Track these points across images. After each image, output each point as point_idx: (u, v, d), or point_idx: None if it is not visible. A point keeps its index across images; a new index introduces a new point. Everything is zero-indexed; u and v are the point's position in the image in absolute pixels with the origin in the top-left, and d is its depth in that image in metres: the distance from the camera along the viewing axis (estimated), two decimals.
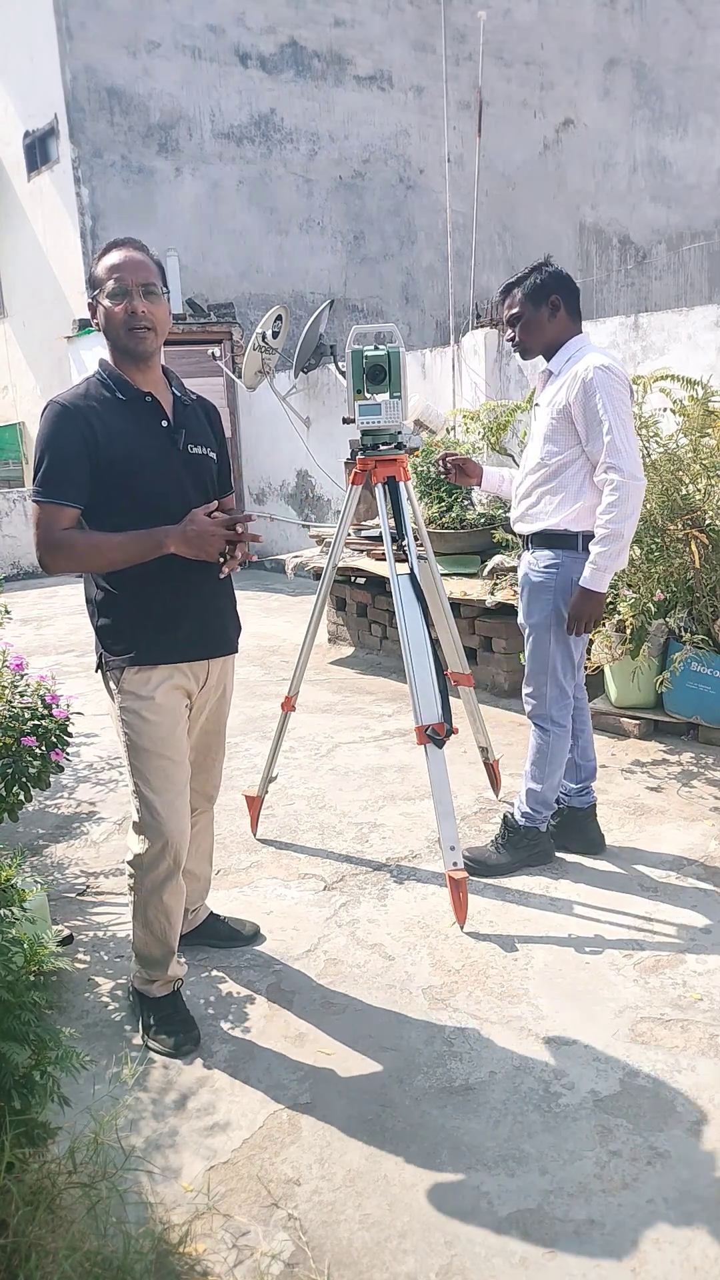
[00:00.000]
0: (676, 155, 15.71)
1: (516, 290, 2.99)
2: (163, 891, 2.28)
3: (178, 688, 2.26)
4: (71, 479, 2.10)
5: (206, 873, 2.71)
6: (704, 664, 3.91)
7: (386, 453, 3.02)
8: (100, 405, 2.15)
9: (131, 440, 2.15)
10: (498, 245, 13.78)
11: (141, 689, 2.22)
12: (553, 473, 2.87)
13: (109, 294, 2.13)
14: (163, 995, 2.37)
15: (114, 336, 2.16)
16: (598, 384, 2.73)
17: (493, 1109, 2.05)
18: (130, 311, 2.12)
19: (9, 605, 4.00)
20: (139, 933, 2.35)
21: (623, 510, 2.71)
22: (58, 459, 2.10)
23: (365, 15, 12.67)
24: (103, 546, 2.11)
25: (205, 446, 2.29)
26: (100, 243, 11.46)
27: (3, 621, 3.65)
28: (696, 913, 2.78)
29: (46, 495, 2.11)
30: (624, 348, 5.96)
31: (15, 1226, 1.47)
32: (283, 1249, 1.72)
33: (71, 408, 2.13)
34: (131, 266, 2.14)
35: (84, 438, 2.10)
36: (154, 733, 2.22)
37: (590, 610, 2.82)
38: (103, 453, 2.11)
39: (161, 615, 2.21)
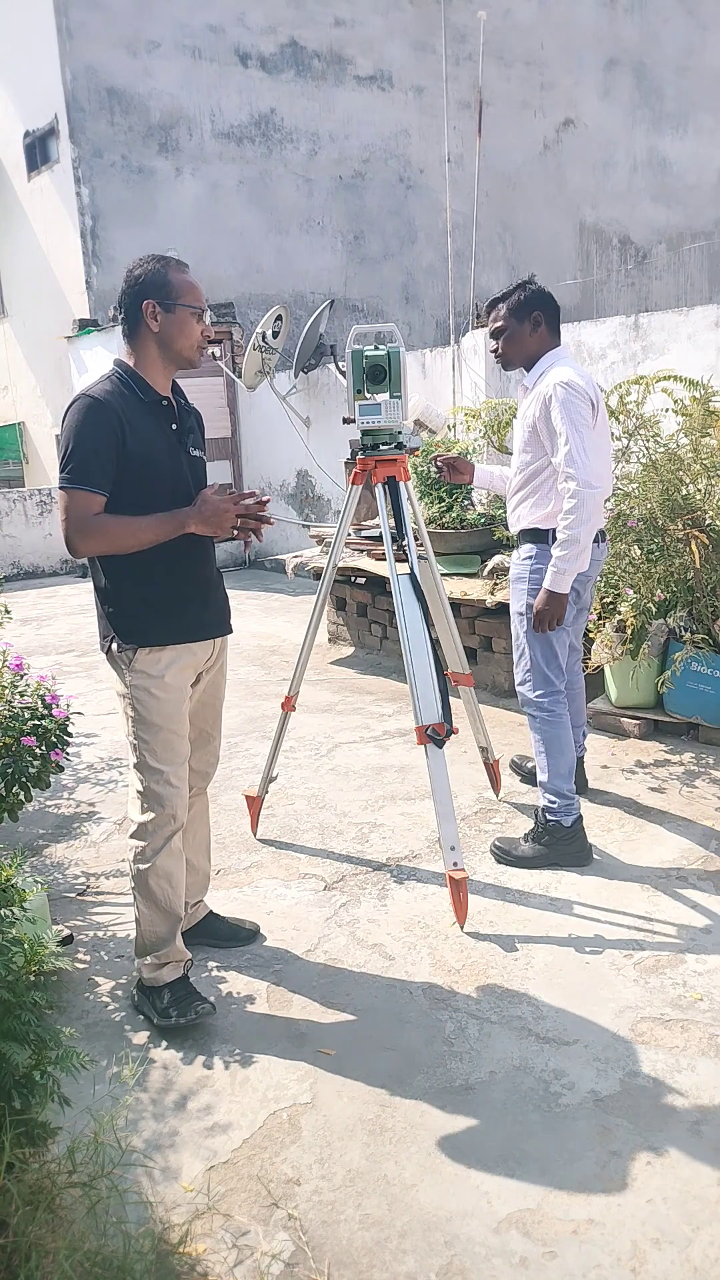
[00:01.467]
0: (676, 155, 15.71)
1: (501, 305, 3.13)
2: (162, 854, 2.38)
3: (187, 666, 2.40)
4: (102, 468, 2.23)
5: (205, 867, 2.74)
6: (704, 664, 3.91)
7: (386, 453, 3.02)
8: (125, 403, 2.29)
9: (151, 439, 2.31)
10: (498, 245, 13.78)
11: (153, 668, 2.35)
12: (528, 479, 3.11)
13: (194, 311, 2.31)
14: (174, 979, 2.41)
15: (184, 347, 2.33)
16: (557, 399, 2.91)
17: (493, 1109, 2.05)
18: (205, 334, 2.36)
19: (9, 605, 4.00)
20: (143, 911, 2.40)
21: (579, 516, 2.88)
22: (90, 448, 2.22)
23: (365, 15, 12.67)
24: (135, 527, 2.24)
25: (199, 449, 2.48)
26: (101, 243, 11.48)
27: (3, 621, 3.64)
28: (696, 913, 2.78)
29: (78, 482, 2.22)
30: (624, 348, 5.96)
31: (15, 1226, 1.47)
32: (283, 1249, 1.72)
33: (105, 401, 2.25)
34: (201, 293, 2.36)
35: (114, 431, 2.23)
36: (162, 709, 2.35)
37: (553, 610, 2.99)
38: (128, 447, 2.25)
39: (170, 599, 2.36)
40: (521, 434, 3.09)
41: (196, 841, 2.67)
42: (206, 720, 2.61)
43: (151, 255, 2.38)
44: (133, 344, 2.35)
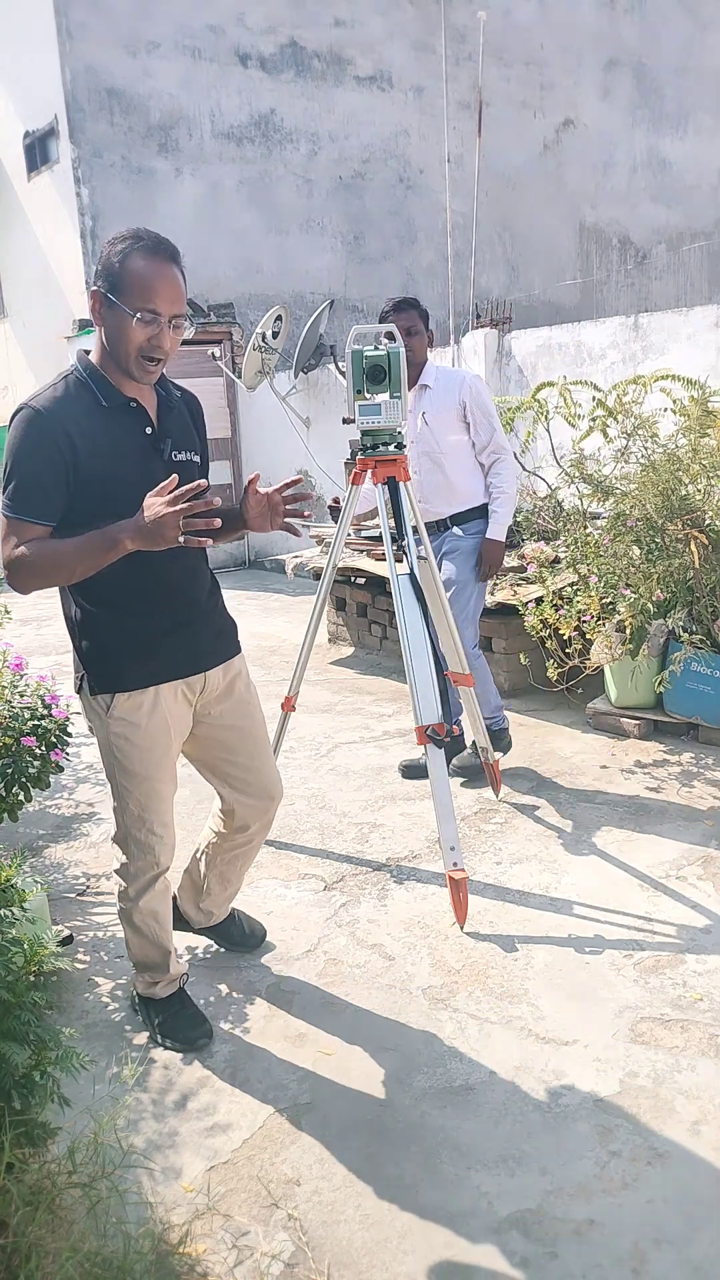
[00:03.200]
0: (676, 155, 15.71)
1: (414, 311, 3.50)
2: (145, 896, 2.25)
3: (177, 707, 2.15)
4: (43, 493, 1.92)
5: (238, 885, 2.60)
6: (704, 664, 3.91)
7: (386, 453, 3.02)
8: (78, 411, 1.95)
9: (112, 453, 1.97)
10: (498, 245, 13.78)
11: (132, 715, 2.09)
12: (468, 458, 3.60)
13: (137, 315, 1.89)
14: (168, 994, 2.36)
15: (121, 356, 1.95)
16: (479, 389, 3.58)
17: (493, 1109, 2.05)
18: (155, 344, 1.93)
19: (9, 605, 4.00)
20: (131, 939, 2.33)
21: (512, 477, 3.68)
22: (28, 470, 1.91)
23: (365, 15, 12.67)
24: (58, 555, 1.90)
25: (189, 450, 2.13)
26: (100, 243, 11.45)
27: (3, 621, 3.64)
28: (696, 913, 2.78)
29: (10, 510, 1.92)
30: (624, 348, 5.96)
31: (15, 1227, 1.47)
32: (283, 1249, 1.72)
33: (47, 414, 1.92)
34: (169, 293, 1.91)
35: (59, 449, 1.91)
36: (143, 758, 2.12)
37: (500, 555, 3.65)
38: (81, 465, 1.93)
39: (143, 635, 2.07)
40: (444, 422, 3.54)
41: (240, 865, 2.51)
42: (242, 744, 2.30)
43: (131, 231, 1.93)
44: (97, 336, 2.01)
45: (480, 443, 3.61)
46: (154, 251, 1.91)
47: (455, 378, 3.59)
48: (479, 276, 7.79)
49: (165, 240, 1.95)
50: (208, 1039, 2.30)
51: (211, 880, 2.52)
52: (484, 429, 3.58)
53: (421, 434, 3.56)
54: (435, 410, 3.55)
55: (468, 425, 3.57)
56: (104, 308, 1.94)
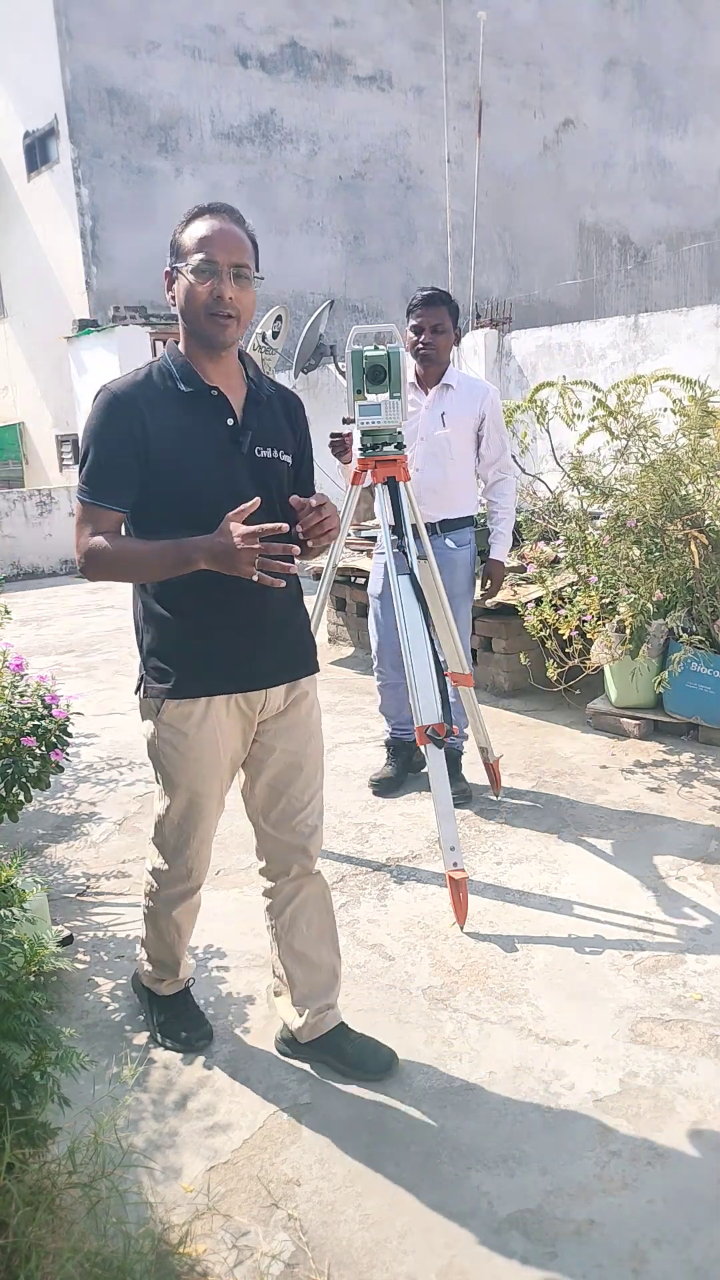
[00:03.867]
0: (676, 155, 15.72)
1: (443, 307, 3.38)
2: (175, 907, 2.19)
3: (230, 722, 2.01)
4: (116, 478, 1.87)
5: (330, 961, 2.22)
6: (704, 664, 3.91)
7: (386, 453, 3.02)
8: (156, 396, 1.90)
9: (186, 440, 1.89)
10: (498, 245, 13.78)
11: (183, 724, 1.98)
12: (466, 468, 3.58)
13: (194, 269, 1.83)
14: (172, 993, 2.32)
15: (191, 318, 1.88)
16: (496, 402, 3.56)
17: (493, 1109, 2.05)
18: (216, 295, 1.84)
19: (9, 605, 4.00)
20: (150, 935, 2.26)
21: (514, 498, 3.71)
22: (102, 455, 1.88)
23: (365, 15, 12.68)
24: (131, 557, 1.86)
25: (277, 448, 1.99)
26: (100, 243, 11.47)
27: (3, 622, 3.64)
28: (696, 913, 2.78)
29: (86, 494, 1.89)
30: (624, 348, 5.96)
31: (15, 1227, 1.47)
32: (283, 1249, 1.72)
33: (123, 397, 1.88)
34: (225, 241, 1.84)
35: (131, 433, 1.86)
36: (187, 769, 2.01)
37: (504, 575, 3.71)
38: (154, 452, 1.86)
39: (202, 644, 1.96)
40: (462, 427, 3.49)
41: (313, 931, 2.20)
42: (291, 782, 2.11)
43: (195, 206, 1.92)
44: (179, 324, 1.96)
45: (490, 458, 3.58)
46: (210, 210, 1.89)
47: (479, 387, 3.55)
48: (479, 276, 7.80)
49: (225, 204, 1.92)
50: (208, 1040, 2.27)
51: (288, 962, 2.20)
52: (496, 444, 3.56)
53: (436, 433, 3.49)
54: (455, 413, 3.48)
55: (479, 437, 3.55)
56: (174, 281, 1.89)
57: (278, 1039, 2.28)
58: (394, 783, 3.75)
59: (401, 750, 3.84)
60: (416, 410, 3.47)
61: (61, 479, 12.51)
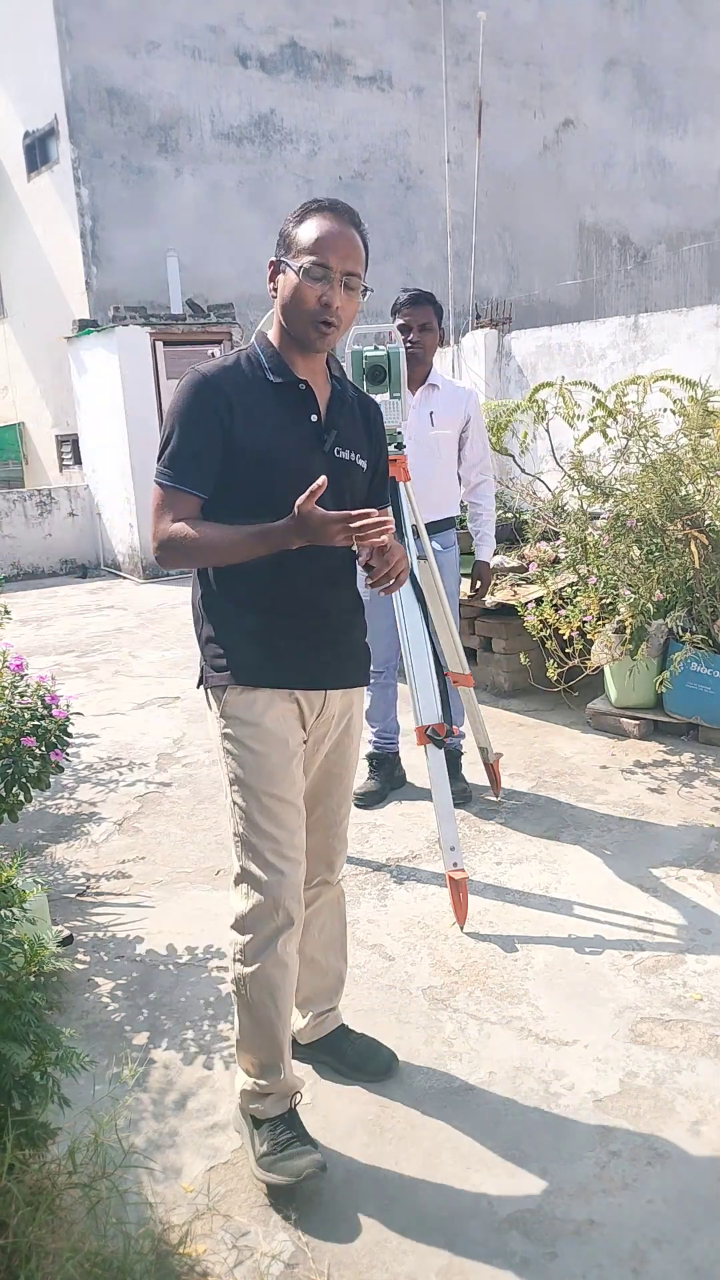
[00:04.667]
0: (676, 155, 15.72)
1: (429, 306, 3.39)
2: (264, 958, 1.85)
3: (290, 716, 1.89)
4: (199, 463, 1.80)
5: (337, 966, 2.20)
6: (704, 664, 3.91)
7: (387, 453, 3.02)
8: (245, 383, 1.83)
9: (273, 431, 1.83)
10: (498, 245, 13.78)
11: (246, 712, 1.86)
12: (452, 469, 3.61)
13: (307, 271, 1.75)
14: (277, 1114, 1.92)
15: (293, 319, 1.81)
16: (477, 403, 3.59)
17: (493, 1109, 2.05)
18: (325, 302, 1.76)
19: (9, 605, 4.00)
20: (245, 1026, 1.91)
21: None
22: (187, 437, 1.79)
23: (365, 15, 12.68)
24: (215, 544, 1.77)
25: (355, 451, 1.94)
26: (100, 243, 11.47)
27: (3, 622, 3.64)
28: (696, 913, 2.78)
29: (168, 478, 1.80)
30: (624, 348, 5.97)
31: (15, 1227, 1.47)
32: (283, 1249, 1.72)
33: (214, 380, 1.80)
34: (341, 246, 1.76)
35: (219, 418, 1.79)
36: (262, 765, 1.85)
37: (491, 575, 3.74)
38: (237, 439, 1.80)
39: (264, 634, 1.87)
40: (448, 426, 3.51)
41: (325, 936, 2.15)
42: (330, 793, 2.05)
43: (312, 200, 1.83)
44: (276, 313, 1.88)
45: (473, 459, 3.62)
46: (330, 209, 1.79)
47: (461, 389, 3.61)
48: (479, 276, 7.80)
49: (345, 204, 1.83)
50: (318, 1168, 1.81)
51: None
52: (479, 446, 3.62)
53: (425, 434, 3.51)
54: (442, 412, 3.51)
55: (462, 439, 3.59)
56: (278, 274, 1.82)
57: None
58: (377, 795, 3.69)
59: (384, 764, 3.77)
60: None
61: (61, 479, 12.50)
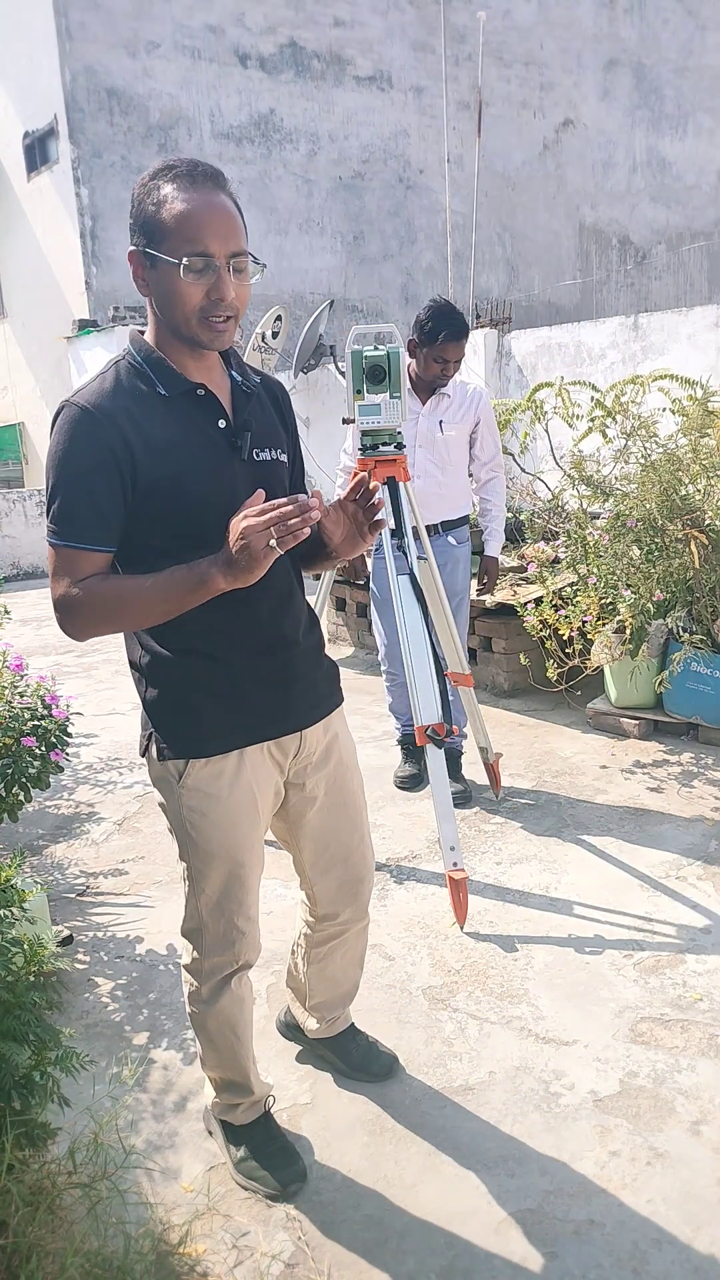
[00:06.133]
0: (676, 155, 15.72)
1: (465, 340, 3.42)
2: (220, 998, 1.80)
3: (264, 774, 1.73)
4: (97, 513, 1.51)
5: (355, 977, 2.15)
6: (704, 664, 3.91)
7: (386, 453, 3.02)
8: (136, 406, 1.54)
9: (178, 453, 1.55)
10: (498, 245, 13.78)
11: (213, 785, 1.67)
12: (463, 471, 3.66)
13: (184, 263, 1.46)
14: (250, 1121, 1.92)
15: (177, 320, 1.52)
16: (490, 404, 3.66)
17: (493, 1109, 2.05)
18: (216, 298, 1.49)
19: (9, 605, 4.00)
20: (205, 1050, 1.89)
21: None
22: (80, 487, 1.50)
23: (365, 15, 12.68)
24: (128, 597, 1.51)
25: (275, 448, 1.69)
26: (100, 243, 11.47)
27: (3, 622, 3.64)
28: (696, 913, 2.78)
29: (63, 537, 1.51)
30: (624, 348, 5.96)
31: (15, 1227, 1.47)
32: (283, 1249, 1.72)
33: (97, 413, 1.51)
34: (219, 227, 1.46)
35: (114, 458, 1.50)
36: (224, 837, 1.69)
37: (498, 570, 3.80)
38: (142, 474, 1.52)
39: (229, 686, 1.65)
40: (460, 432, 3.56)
41: (349, 958, 2.08)
42: (340, 829, 1.89)
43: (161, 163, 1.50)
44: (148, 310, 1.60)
45: (485, 457, 3.66)
46: (190, 178, 1.47)
47: (472, 392, 3.61)
48: (479, 276, 7.80)
49: (202, 163, 1.51)
50: (301, 1182, 1.85)
51: (313, 979, 2.09)
52: (490, 445, 3.65)
53: (436, 441, 3.54)
54: (453, 420, 3.54)
55: (472, 439, 3.63)
56: (146, 269, 1.52)
57: (280, 1021, 2.31)
58: (417, 778, 3.81)
59: (416, 747, 3.86)
60: (414, 418, 3.49)
61: None
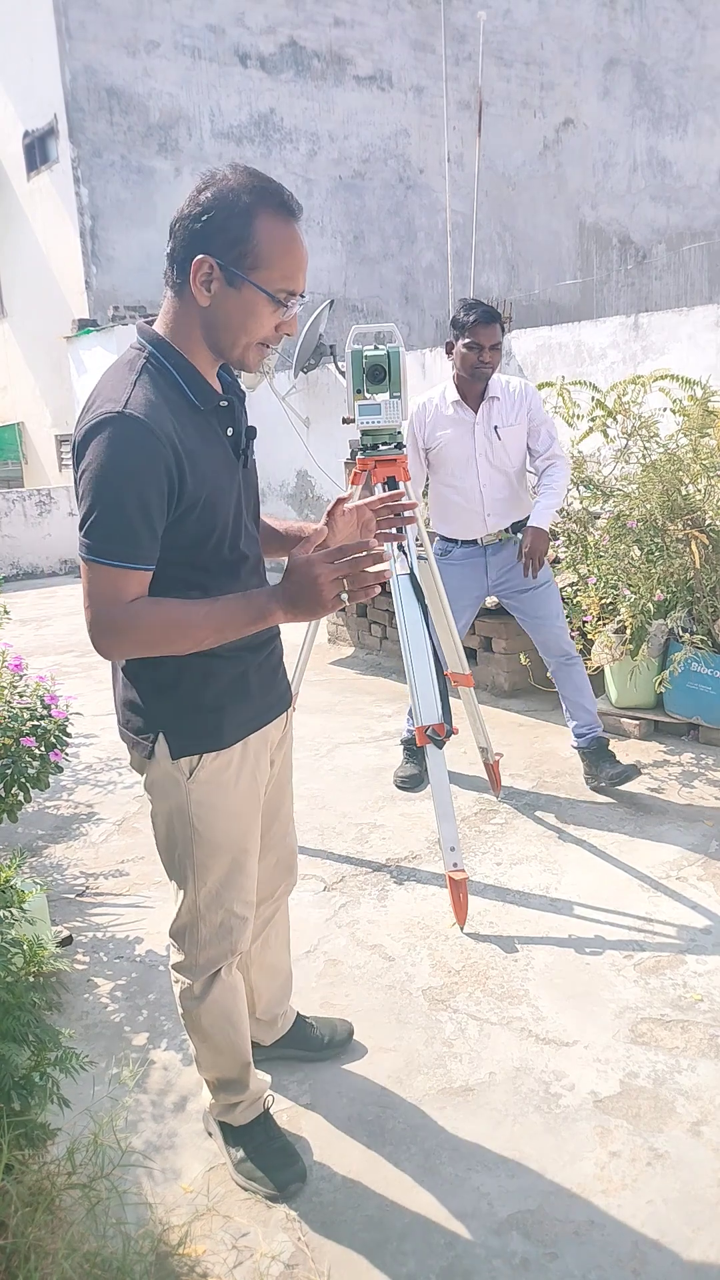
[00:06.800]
0: (676, 155, 15.72)
1: (497, 323, 3.34)
2: (213, 990, 1.81)
3: (262, 758, 1.79)
4: (150, 532, 1.46)
5: (287, 964, 2.18)
6: (704, 664, 3.91)
7: (386, 453, 3.02)
8: (176, 420, 1.48)
9: (209, 472, 1.53)
10: (498, 245, 13.78)
11: (220, 776, 1.69)
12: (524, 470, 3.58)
13: (279, 300, 1.48)
14: (249, 1120, 1.93)
15: (234, 339, 1.51)
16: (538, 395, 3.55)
17: (493, 1110, 2.05)
18: (285, 333, 1.54)
19: (9, 605, 4.00)
20: (200, 1049, 1.88)
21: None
22: (133, 503, 1.42)
23: (365, 15, 12.68)
24: (187, 627, 1.48)
25: (251, 446, 1.70)
26: (100, 243, 11.46)
27: (2, 622, 3.64)
28: (696, 913, 2.77)
29: (113, 556, 1.44)
30: (624, 348, 5.96)
31: (14, 1227, 1.47)
32: (283, 1250, 1.72)
33: (154, 427, 1.43)
34: (305, 264, 1.51)
35: (168, 474, 1.45)
36: (230, 826, 1.71)
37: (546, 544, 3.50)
38: (185, 494, 1.48)
39: (238, 677, 1.68)
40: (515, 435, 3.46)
41: (279, 940, 2.13)
42: (284, 801, 1.99)
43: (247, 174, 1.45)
44: (177, 308, 1.52)
45: (541, 449, 3.52)
46: (289, 212, 1.46)
47: (519, 389, 3.49)
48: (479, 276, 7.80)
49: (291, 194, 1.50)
50: (300, 1182, 1.85)
51: (257, 978, 2.10)
52: (545, 437, 3.51)
53: (494, 447, 3.45)
54: (508, 422, 3.45)
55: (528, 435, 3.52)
56: (222, 283, 1.45)
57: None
58: (417, 778, 3.80)
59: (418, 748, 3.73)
60: (467, 428, 3.44)
61: (60, 479, 12.51)
